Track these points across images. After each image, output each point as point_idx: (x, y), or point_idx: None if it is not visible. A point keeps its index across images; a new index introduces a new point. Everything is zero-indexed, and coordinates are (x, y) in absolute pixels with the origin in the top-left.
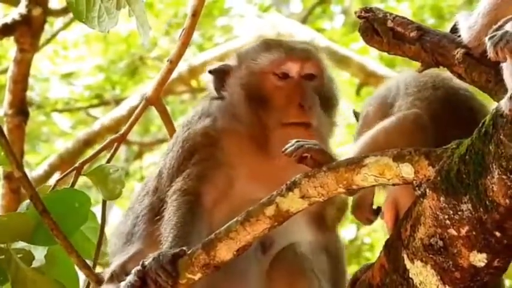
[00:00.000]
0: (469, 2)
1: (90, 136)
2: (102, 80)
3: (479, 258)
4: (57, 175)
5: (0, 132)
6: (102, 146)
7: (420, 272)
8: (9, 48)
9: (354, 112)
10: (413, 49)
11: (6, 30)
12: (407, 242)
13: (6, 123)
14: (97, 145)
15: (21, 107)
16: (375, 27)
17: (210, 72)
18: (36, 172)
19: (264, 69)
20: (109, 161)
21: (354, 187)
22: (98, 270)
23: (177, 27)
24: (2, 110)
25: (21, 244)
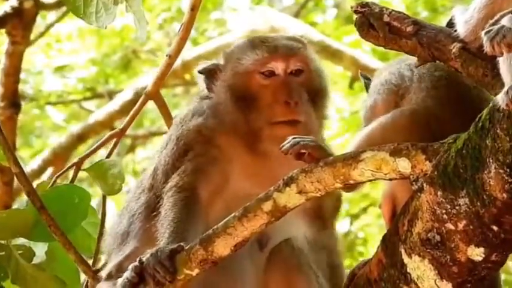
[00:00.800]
0: None
1: (84, 131)
2: (95, 73)
3: (476, 253)
4: (51, 170)
5: None
6: (101, 141)
7: (418, 267)
8: (0, 41)
9: (363, 76)
10: (410, 44)
11: None
12: (404, 236)
13: None
14: (90, 140)
15: (13, 100)
16: (371, 22)
17: (199, 72)
18: (30, 167)
19: (249, 69)
20: (108, 156)
21: (351, 182)
22: (99, 265)
23: (170, 21)
24: None
25: (21, 240)
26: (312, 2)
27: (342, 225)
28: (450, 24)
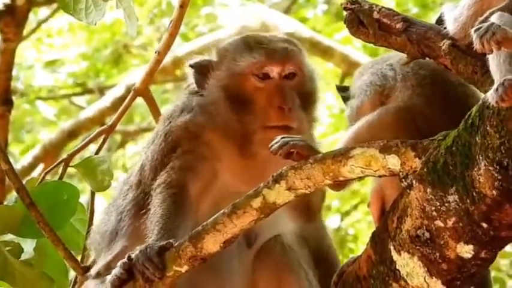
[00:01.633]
0: None
1: (75, 127)
2: (86, 68)
3: (466, 250)
4: (41, 166)
5: None
6: (90, 137)
7: (407, 264)
8: None
9: (338, 87)
10: (399, 41)
11: None
12: (394, 233)
13: None
14: (81, 136)
15: (5, 97)
16: (361, 19)
17: (191, 66)
18: (20, 164)
19: (245, 71)
20: (97, 152)
21: (341, 179)
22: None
23: (161, 16)
24: None
25: (9, 237)
26: None
27: (332, 222)
28: (440, 21)
